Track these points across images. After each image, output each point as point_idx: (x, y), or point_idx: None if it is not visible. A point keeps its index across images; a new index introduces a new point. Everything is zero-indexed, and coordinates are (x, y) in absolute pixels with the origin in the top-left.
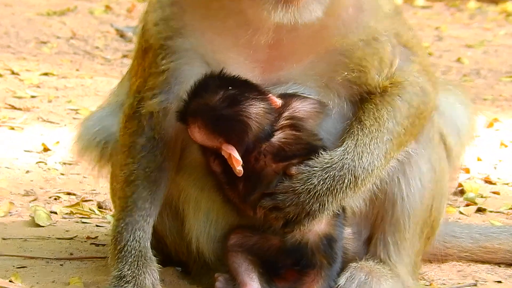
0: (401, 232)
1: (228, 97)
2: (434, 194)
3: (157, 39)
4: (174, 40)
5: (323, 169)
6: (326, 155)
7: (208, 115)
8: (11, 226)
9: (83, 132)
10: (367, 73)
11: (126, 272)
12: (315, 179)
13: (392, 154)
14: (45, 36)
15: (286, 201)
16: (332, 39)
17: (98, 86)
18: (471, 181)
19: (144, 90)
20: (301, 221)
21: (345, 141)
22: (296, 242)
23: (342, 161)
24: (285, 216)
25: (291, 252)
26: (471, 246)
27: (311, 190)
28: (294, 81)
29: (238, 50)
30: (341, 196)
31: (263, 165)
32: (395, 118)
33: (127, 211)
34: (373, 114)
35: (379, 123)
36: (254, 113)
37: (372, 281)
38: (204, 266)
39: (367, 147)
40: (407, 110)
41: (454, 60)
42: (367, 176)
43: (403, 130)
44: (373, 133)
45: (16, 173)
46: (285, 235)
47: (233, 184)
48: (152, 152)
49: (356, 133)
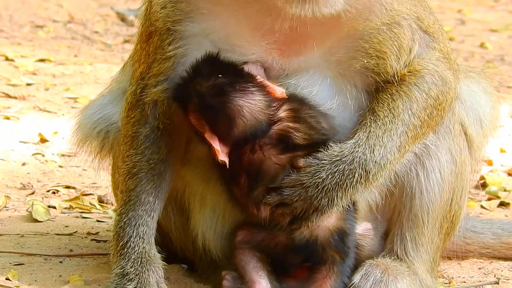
0: (420, 227)
1: (217, 85)
2: (454, 188)
3: (164, 23)
4: (183, 25)
5: (332, 162)
6: (336, 147)
7: (196, 100)
8: (7, 221)
9: (83, 121)
10: (385, 59)
11: (129, 269)
12: (324, 173)
13: (407, 148)
14: (41, 20)
15: (293, 196)
16: (354, 22)
17: (97, 73)
18: (494, 174)
19: (148, 77)
20: (309, 217)
21: (356, 133)
22: (305, 238)
23: (353, 154)
24: (292, 212)
25: (300, 249)
26: (493, 242)
27: (319, 184)
28: (313, 68)
29: (255, 33)
30: (351, 191)
31: (262, 157)
32: (411, 109)
33: (130, 205)
34: (387, 105)
35: (394, 114)
36: (242, 105)
37: (388, 279)
38: (211, 263)
39: (379, 139)
40: (424, 101)
41: (477, 45)
42: (379, 170)
43: (420, 122)
44: (386, 125)
45: (12, 166)
46: (292, 232)
47: (236, 178)
48: (156, 143)
49: (368, 124)
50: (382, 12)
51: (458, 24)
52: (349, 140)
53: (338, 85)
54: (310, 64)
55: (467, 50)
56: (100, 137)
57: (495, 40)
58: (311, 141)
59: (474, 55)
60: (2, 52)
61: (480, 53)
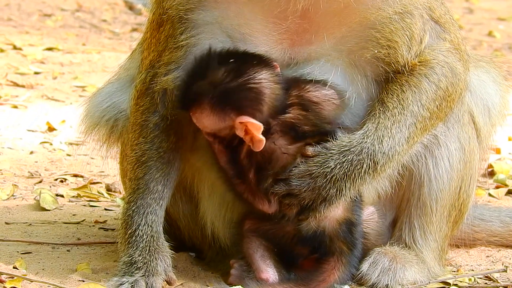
0: (428, 215)
1: (232, 69)
2: (463, 176)
3: (177, 11)
4: (196, 13)
5: (341, 152)
6: (345, 137)
7: (214, 93)
8: (15, 209)
9: (91, 109)
10: (396, 49)
11: (137, 258)
12: (332, 162)
13: (415, 139)
14: (49, 8)
15: (301, 186)
16: (366, 12)
17: (106, 62)
18: (502, 162)
19: (158, 65)
20: (317, 208)
21: (365, 123)
22: (312, 229)
23: (361, 144)
24: (299, 203)
25: (308, 240)
26: (501, 230)
27: (327, 174)
28: (324, 57)
29: (267, 21)
30: (359, 181)
31: (274, 146)
32: (421, 100)
33: (138, 194)
34: (397, 96)
35: (403, 106)
36: (263, 78)
37: (396, 267)
38: (220, 252)
39: (388, 130)
40: (434, 93)
41: (485, 34)
42: (387, 161)
43: (429, 114)
44: (395, 116)
45: (20, 154)
46: (300, 223)
47: (244, 174)
48: (166, 131)
49: (377, 115)
50: (394, 1)
51: (466, 12)
52: (358, 130)
53: (349, 75)
54: (320, 54)
55: (475, 39)
56: (109, 125)
57: (503, 29)
58: (319, 130)
59: (482, 44)
60: (11, 40)
61: (488, 42)
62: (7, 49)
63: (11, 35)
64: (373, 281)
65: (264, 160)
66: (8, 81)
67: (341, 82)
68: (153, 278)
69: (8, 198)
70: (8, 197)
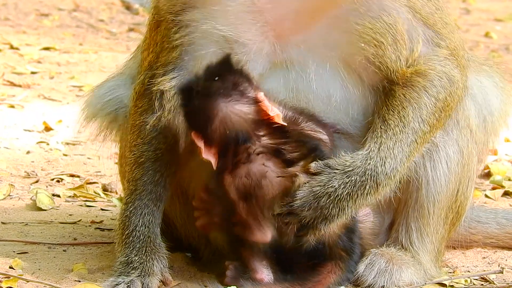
0: (425, 217)
1: (208, 87)
2: (460, 178)
3: (169, 12)
4: (184, 13)
5: (345, 173)
6: (348, 157)
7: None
8: (11, 209)
9: (93, 100)
10: (383, 50)
11: (133, 258)
12: (336, 182)
13: (415, 154)
14: (46, 8)
15: (303, 206)
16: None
17: (102, 62)
18: (498, 163)
19: (156, 66)
20: (317, 226)
21: (368, 143)
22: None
23: (365, 166)
24: (300, 221)
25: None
26: (497, 232)
27: (331, 194)
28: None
29: (251, 15)
30: (361, 201)
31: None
32: (421, 116)
33: (136, 195)
34: (398, 113)
35: (404, 123)
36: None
37: (393, 268)
38: (216, 252)
39: (390, 151)
40: (433, 106)
41: (482, 34)
42: (389, 181)
43: (429, 128)
44: (397, 135)
45: (16, 154)
46: (299, 239)
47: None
48: (163, 133)
49: (380, 135)
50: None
51: (463, 13)
52: (361, 150)
53: (343, 79)
54: (309, 46)
55: (472, 40)
56: (108, 118)
57: (500, 30)
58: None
59: (479, 45)
60: (7, 40)
61: (485, 43)
62: (4, 49)
63: (8, 34)
64: (369, 283)
65: (257, 184)
66: (5, 80)
67: (334, 81)
68: (149, 278)
69: (5, 198)
70: (4, 197)
